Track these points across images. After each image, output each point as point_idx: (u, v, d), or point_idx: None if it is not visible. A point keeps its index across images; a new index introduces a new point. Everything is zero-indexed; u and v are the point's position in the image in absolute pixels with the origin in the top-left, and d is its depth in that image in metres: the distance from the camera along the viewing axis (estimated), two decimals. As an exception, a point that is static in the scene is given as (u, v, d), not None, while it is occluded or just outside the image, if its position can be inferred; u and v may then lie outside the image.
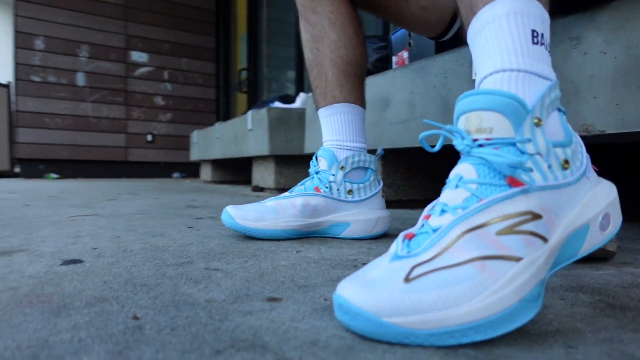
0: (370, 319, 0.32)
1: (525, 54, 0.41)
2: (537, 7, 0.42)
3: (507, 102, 0.38)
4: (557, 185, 0.39)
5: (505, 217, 0.37)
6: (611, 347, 0.32)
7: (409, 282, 0.34)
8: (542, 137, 0.39)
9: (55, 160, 4.42)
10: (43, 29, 4.39)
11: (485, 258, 0.35)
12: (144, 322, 0.37)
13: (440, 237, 0.37)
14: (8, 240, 0.75)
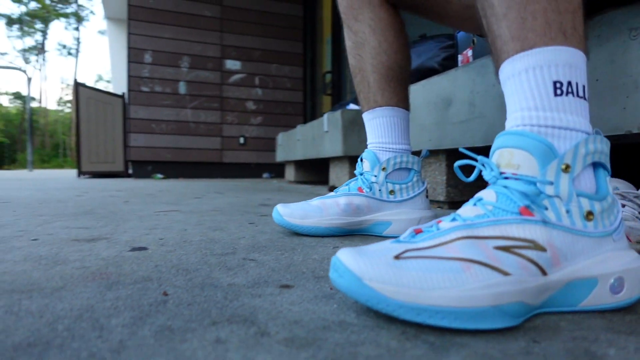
0: (354, 279, 0.36)
1: (546, 108, 0.42)
2: (562, 54, 0.42)
3: (537, 145, 0.41)
4: (572, 230, 0.40)
5: (508, 237, 0.39)
6: (575, 344, 0.33)
7: (398, 259, 0.38)
8: (566, 183, 0.40)
9: (161, 162, 4.91)
10: (151, 44, 4.90)
11: (474, 262, 0.37)
12: (170, 298, 0.44)
13: (441, 234, 0.40)
14: (99, 230, 0.90)
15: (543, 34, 0.43)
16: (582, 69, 0.44)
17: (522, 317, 0.37)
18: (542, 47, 0.43)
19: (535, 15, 0.44)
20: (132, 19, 4.88)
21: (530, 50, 0.43)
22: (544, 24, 0.43)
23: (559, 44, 0.43)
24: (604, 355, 0.31)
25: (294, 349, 0.32)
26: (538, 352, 0.32)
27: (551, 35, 0.43)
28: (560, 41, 0.43)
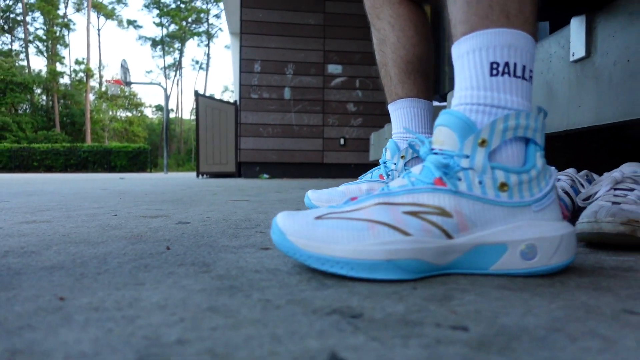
0: (280, 234, 0.44)
1: (481, 87, 0.45)
2: (503, 36, 0.45)
3: (458, 121, 0.45)
4: (482, 199, 0.43)
5: (418, 204, 0.44)
6: (440, 291, 0.37)
7: (318, 219, 0.45)
8: (482, 156, 0.44)
9: (267, 163, 5.29)
10: (260, 54, 5.31)
11: (380, 222, 0.43)
12: (169, 252, 0.57)
13: (361, 201, 0.47)
14: (168, 211, 1.08)
15: (485, 17, 0.46)
16: (524, 50, 0.46)
17: (421, 273, 0.42)
18: (483, 30, 0.46)
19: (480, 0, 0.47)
20: (244, 33, 5.34)
21: (472, 33, 0.46)
22: (487, 7, 0.46)
23: (501, 26, 0.45)
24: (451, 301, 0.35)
25: (217, 280, 0.41)
26: (402, 295, 0.37)
27: (493, 18, 0.46)
28: (502, 23, 0.46)
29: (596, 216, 0.58)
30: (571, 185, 0.75)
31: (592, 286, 0.40)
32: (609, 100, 0.79)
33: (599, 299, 0.35)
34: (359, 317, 0.31)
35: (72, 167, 18.22)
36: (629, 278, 0.43)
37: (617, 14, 0.77)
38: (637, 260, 0.51)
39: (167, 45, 35.52)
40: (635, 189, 0.63)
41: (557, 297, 0.36)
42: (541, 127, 0.46)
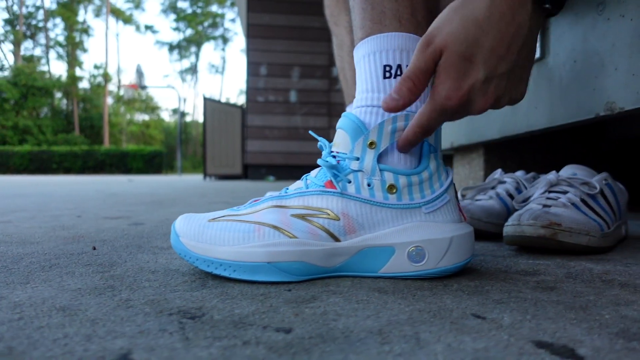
0: (175, 236, 0.44)
1: (374, 90, 0.46)
2: (395, 39, 0.45)
3: (350, 123, 0.45)
4: (370, 201, 0.43)
5: (307, 207, 0.44)
6: (294, 294, 0.37)
7: (212, 221, 0.45)
8: (371, 158, 0.44)
9: (273, 165, 5.32)
10: (266, 57, 5.35)
11: (267, 225, 0.43)
12: (91, 252, 0.57)
13: (257, 204, 0.47)
14: (136, 212, 1.09)
15: (379, 22, 0.47)
16: (411, 53, 0.45)
17: (306, 275, 0.42)
18: (377, 35, 0.46)
19: (374, 5, 0.47)
20: (250, 37, 5.39)
21: (368, 37, 0.47)
22: (380, 13, 0.47)
23: (393, 30, 0.46)
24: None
25: (103, 280, 0.42)
26: (268, 296, 0.37)
27: (385, 23, 0.46)
28: (394, 28, 0.46)
29: (520, 219, 0.57)
30: (516, 187, 0.74)
31: (472, 290, 0.39)
32: (560, 102, 0.78)
33: (461, 302, 0.35)
34: (197, 318, 0.31)
35: (89, 169, 18.58)
36: (519, 282, 0.42)
37: (565, 14, 0.75)
38: (551, 265, 0.50)
39: (183, 50, 36.01)
40: (569, 191, 0.62)
41: (419, 300, 0.36)
42: None
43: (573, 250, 0.56)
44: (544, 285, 0.41)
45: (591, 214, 0.59)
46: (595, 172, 0.66)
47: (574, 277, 0.45)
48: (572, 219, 0.56)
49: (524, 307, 0.34)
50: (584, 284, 0.42)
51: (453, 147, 1.46)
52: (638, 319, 0.31)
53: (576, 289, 0.39)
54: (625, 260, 0.53)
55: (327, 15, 0.95)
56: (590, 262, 0.52)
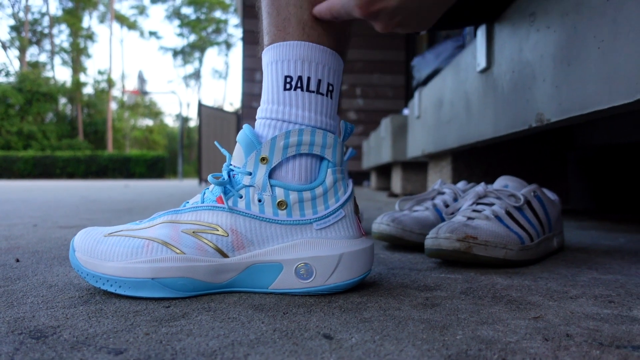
0: (72, 250, 0.44)
1: (274, 101, 0.45)
2: (297, 49, 0.44)
3: (245, 137, 0.44)
4: (259, 217, 0.43)
5: (198, 223, 0.43)
6: (165, 310, 0.37)
7: (109, 236, 0.45)
8: (262, 173, 0.43)
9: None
10: (261, 64, 5.35)
11: (156, 240, 0.43)
12: (10, 265, 0.58)
13: (154, 218, 0.47)
14: (98, 220, 1.10)
15: (282, 29, 0.45)
16: (320, 63, 0.45)
17: (192, 291, 0.41)
18: (279, 43, 0.45)
19: (279, 11, 0.46)
20: (246, 43, 5.41)
21: (271, 45, 0.46)
22: (284, 19, 0.45)
23: (296, 38, 0.45)
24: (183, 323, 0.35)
25: None
26: (137, 313, 0.37)
27: (289, 31, 0.45)
28: (297, 36, 0.45)
29: (438, 232, 0.57)
30: (454, 198, 0.73)
31: (349, 307, 0.39)
32: (502, 112, 0.78)
33: (324, 321, 0.35)
34: (42, 338, 0.31)
35: (92, 174, 18.66)
36: (407, 299, 0.42)
37: (505, 25, 0.75)
38: (459, 279, 0.50)
39: (187, 55, 36.21)
40: (495, 203, 0.62)
41: (286, 319, 0.35)
42: (332, 143, 0.45)
43: (490, 263, 0.56)
44: (430, 302, 0.41)
45: (514, 226, 0.59)
46: (527, 184, 0.65)
47: (468, 292, 0.44)
48: (490, 231, 0.56)
49: (383, 326, 0.33)
50: (472, 300, 0.41)
51: (424, 154, 1.46)
52: (486, 339, 0.31)
53: (457, 306, 0.39)
54: (539, 274, 0.53)
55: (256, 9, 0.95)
56: (502, 276, 0.52)
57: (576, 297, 0.42)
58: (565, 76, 0.57)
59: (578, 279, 0.50)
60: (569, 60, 0.56)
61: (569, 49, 0.57)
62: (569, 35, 0.56)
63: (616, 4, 0.47)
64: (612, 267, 0.57)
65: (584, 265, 0.58)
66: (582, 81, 0.54)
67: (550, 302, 0.41)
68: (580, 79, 0.54)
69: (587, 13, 0.52)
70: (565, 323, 0.34)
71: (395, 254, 0.66)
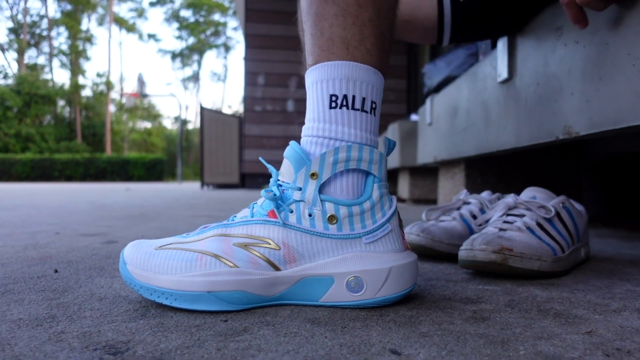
0: (123, 263, 0.45)
1: (321, 120, 0.46)
2: (342, 68, 0.45)
3: (294, 154, 0.46)
4: (310, 231, 0.44)
5: (250, 236, 0.45)
6: (227, 326, 0.38)
7: (159, 249, 0.46)
8: (312, 188, 0.44)
9: (270, 174, 5.34)
10: (264, 67, 5.37)
11: (209, 254, 0.44)
12: (52, 276, 0.58)
13: (205, 230, 0.48)
14: (115, 228, 1.10)
15: (327, 49, 0.46)
16: (364, 81, 0.46)
17: (246, 304, 0.42)
18: (324, 62, 0.46)
19: (323, 32, 0.47)
20: (248, 47, 5.43)
21: (316, 65, 0.47)
22: (328, 40, 0.46)
23: (341, 58, 0.46)
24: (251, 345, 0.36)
25: (48, 309, 0.43)
26: (201, 328, 0.38)
27: (333, 50, 0.46)
28: (342, 56, 0.46)
29: (473, 244, 0.58)
30: (480, 208, 0.74)
31: (404, 321, 0.40)
32: (525, 123, 0.79)
33: (386, 336, 0.36)
34: (119, 354, 0.32)
35: (91, 176, 18.63)
36: (457, 312, 0.43)
37: (529, 38, 0.77)
38: (498, 291, 0.51)
39: (186, 58, 36.22)
40: (525, 215, 0.63)
41: (347, 333, 0.36)
42: (378, 159, 0.46)
43: (524, 275, 0.57)
44: (479, 315, 0.42)
45: (546, 237, 0.60)
46: (555, 195, 0.66)
47: (513, 305, 0.45)
48: (525, 243, 0.57)
49: (445, 341, 0.34)
50: (520, 313, 0.42)
51: (437, 161, 1.47)
52: (549, 355, 0.32)
53: (508, 320, 0.40)
54: (574, 286, 0.54)
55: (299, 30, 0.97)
56: (539, 287, 0.53)
57: (619, 311, 0.43)
58: (596, 91, 0.59)
59: (614, 291, 0.51)
60: (601, 75, 0.58)
61: (600, 65, 0.58)
62: (600, 52, 0.58)
63: (653, 24, 0.49)
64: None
65: (614, 276, 0.60)
66: (615, 96, 0.55)
67: (596, 316, 0.42)
68: (613, 94, 0.55)
69: (620, 31, 0.54)
70: (619, 338, 0.36)
71: (426, 265, 0.67)
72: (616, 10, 0.55)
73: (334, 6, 0.46)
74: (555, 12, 0.68)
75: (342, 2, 0.46)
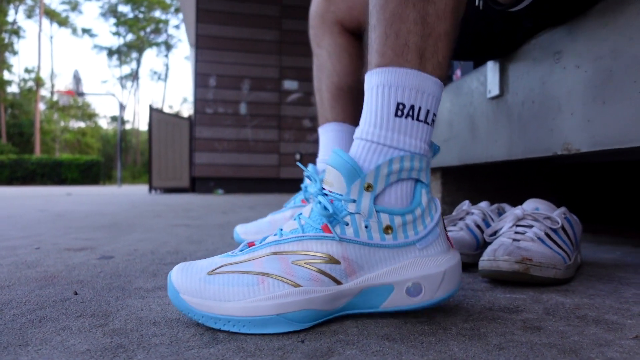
0: (175, 292, 0.44)
1: (383, 127, 0.45)
2: (413, 77, 0.44)
3: (346, 164, 0.45)
4: (368, 243, 0.45)
5: (307, 253, 0.45)
6: (323, 345, 0.39)
7: (211, 274, 0.45)
8: (368, 200, 0.45)
9: (222, 178, 5.25)
10: (216, 69, 5.28)
11: (270, 275, 0.44)
12: (75, 298, 0.55)
13: (255, 249, 0.47)
14: (97, 241, 1.05)
15: (400, 54, 0.45)
16: (431, 94, 0.46)
17: (312, 321, 0.43)
18: (395, 67, 0.45)
19: (398, 34, 0.45)
20: (199, 47, 5.30)
21: (386, 67, 0.45)
22: (402, 44, 0.45)
23: (413, 67, 0.45)
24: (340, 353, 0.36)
25: (108, 337, 0.41)
26: (286, 350, 0.38)
27: (407, 57, 0.45)
28: (414, 64, 0.45)
29: (495, 254, 0.61)
30: (483, 219, 0.79)
31: (470, 333, 0.42)
32: (519, 138, 0.85)
33: (467, 350, 0.38)
34: (228, 383, 0.31)
35: (18, 179, 17.33)
36: (508, 322, 0.46)
37: (523, 58, 0.82)
38: (527, 299, 0.55)
39: (124, 55, 34.65)
40: (534, 225, 0.68)
41: (431, 348, 0.38)
42: (426, 166, 0.47)
43: (542, 283, 0.61)
44: (530, 324, 0.45)
45: (555, 247, 0.65)
46: (555, 207, 0.72)
47: (551, 313, 0.49)
48: (541, 253, 0.61)
49: (523, 353, 0.37)
50: (564, 321, 0.46)
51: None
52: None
53: (559, 329, 0.44)
54: (588, 292, 0.59)
55: (310, 35, 0.99)
56: (558, 294, 0.57)
57: (644, 314, 0.49)
58: (598, 113, 0.65)
59: (625, 295, 0.57)
60: (604, 99, 0.64)
61: (603, 89, 0.64)
62: (604, 78, 0.64)
63: (660, 57, 0.55)
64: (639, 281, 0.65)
65: (614, 280, 0.66)
66: (619, 119, 0.61)
67: (629, 321, 0.46)
68: (617, 116, 0.61)
69: (625, 60, 0.60)
70: (665, 341, 0.40)
71: (440, 273, 0.70)
72: (619, 42, 0.61)
73: (413, 11, 0.45)
74: (554, 37, 0.74)
75: (421, 9, 0.45)
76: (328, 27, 0.95)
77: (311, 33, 0.99)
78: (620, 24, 0.60)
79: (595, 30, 0.65)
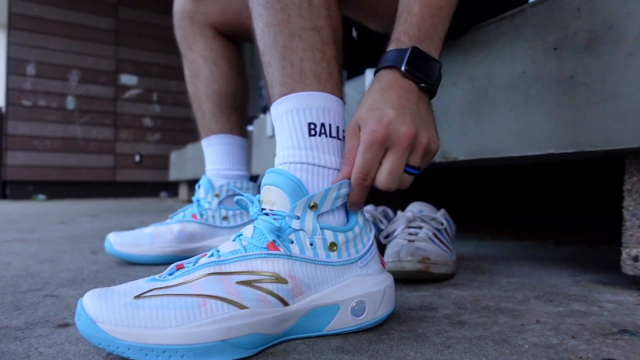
0: (89, 322, 0.36)
1: (301, 146, 0.46)
2: (316, 98, 0.46)
3: (288, 182, 0.44)
4: (315, 261, 0.43)
5: (252, 272, 0.41)
6: (285, 368, 0.36)
7: (138, 298, 0.38)
8: (311, 218, 0.44)
9: (44, 181, 4.52)
10: (35, 55, 4.52)
11: (212, 297, 0.39)
12: None
13: (189, 271, 0.41)
14: None
15: (299, 80, 0.47)
16: (336, 111, 0.48)
17: (258, 347, 0.40)
18: (298, 92, 0.47)
19: (293, 64, 0.48)
20: (13, 28, 4.49)
21: (289, 94, 0.47)
22: (299, 71, 0.47)
23: (314, 89, 0.47)
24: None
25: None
26: None
27: (306, 82, 0.47)
28: (314, 87, 0.47)
29: (399, 256, 0.65)
30: (372, 221, 0.83)
31: (412, 335, 0.44)
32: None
33: (422, 352, 0.39)
34: None
35: None
36: (434, 320, 0.49)
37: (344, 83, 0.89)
38: (432, 295, 0.60)
39: None
40: (423, 226, 0.74)
41: (390, 355, 0.39)
42: None
43: (438, 279, 0.67)
44: (453, 320, 0.49)
45: (442, 245, 0.72)
46: (436, 209, 0.80)
47: (461, 307, 0.54)
48: (435, 252, 0.68)
49: (468, 349, 0.40)
50: (476, 314, 0.51)
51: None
52: (546, 345, 0.41)
53: (477, 321, 0.48)
54: (473, 284, 0.67)
55: (178, 37, 0.90)
56: (453, 288, 0.64)
57: (537, 298, 0.57)
58: (474, 126, 0.74)
59: (500, 284, 0.66)
60: (479, 114, 0.73)
61: (478, 106, 0.73)
62: (480, 97, 0.73)
63: (529, 82, 0.65)
64: (512, 272, 0.76)
65: (499, 274, 0.75)
66: (494, 132, 0.71)
67: (521, 307, 0.54)
68: (492, 129, 0.71)
69: (499, 82, 0.69)
70: (568, 315, 0.47)
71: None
72: (493, 66, 0.71)
73: (302, 41, 0.48)
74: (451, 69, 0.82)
75: (309, 39, 0.48)
76: (199, 30, 0.89)
77: (179, 34, 0.92)
78: (493, 51, 0.70)
79: (470, 54, 0.74)
